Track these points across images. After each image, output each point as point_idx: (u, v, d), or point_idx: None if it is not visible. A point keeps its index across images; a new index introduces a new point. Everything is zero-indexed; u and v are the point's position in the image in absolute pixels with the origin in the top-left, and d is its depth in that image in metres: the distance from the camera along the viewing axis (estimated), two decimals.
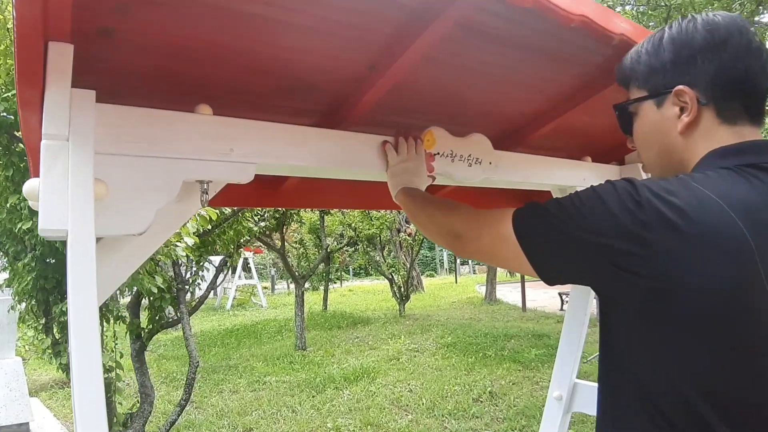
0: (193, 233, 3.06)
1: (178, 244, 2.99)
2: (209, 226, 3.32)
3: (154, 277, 3.10)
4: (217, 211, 3.43)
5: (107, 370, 3.21)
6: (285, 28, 1.08)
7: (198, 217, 3.01)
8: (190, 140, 1.12)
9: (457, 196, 2.26)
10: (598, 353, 0.89)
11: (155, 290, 3.09)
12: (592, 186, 0.79)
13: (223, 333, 11.58)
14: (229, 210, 4.19)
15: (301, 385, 7.19)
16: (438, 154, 1.54)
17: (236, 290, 18.41)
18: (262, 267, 26.68)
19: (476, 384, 7.00)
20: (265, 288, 22.64)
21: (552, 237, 0.80)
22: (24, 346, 6.49)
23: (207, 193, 1.18)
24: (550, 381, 2.61)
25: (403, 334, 10.62)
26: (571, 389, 2.66)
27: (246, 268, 19.74)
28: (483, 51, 1.28)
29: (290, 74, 1.23)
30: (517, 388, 6.83)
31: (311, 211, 12.11)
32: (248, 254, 18.74)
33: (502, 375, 7.43)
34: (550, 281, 0.84)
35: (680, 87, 0.83)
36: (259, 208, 6.67)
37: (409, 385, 7.11)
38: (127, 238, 1.18)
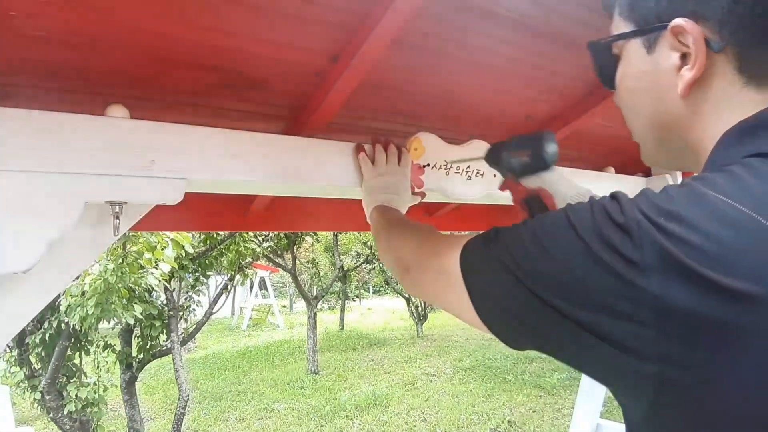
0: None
1: (153, 271, 2.76)
2: (183, 252, 3.09)
3: (133, 306, 2.88)
4: (193, 234, 3.20)
5: (89, 404, 2.97)
6: (221, 8, 0.84)
7: (170, 242, 2.78)
8: (95, 150, 0.88)
9: (459, 217, 1.99)
10: None
11: (132, 320, 2.86)
12: (568, 205, 0.51)
13: (235, 355, 11.33)
14: (225, 231, 3.97)
15: (309, 414, 6.88)
16: (428, 165, 1.27)
17: (252, 310, 18.22)
18: (281, 285, 26.52)
19: (494, 412, 6.62)
20: (284, 307, 22.41)
21: (505, 286, 0.51)
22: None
23: (119, 218, 0.92)
24: (572, 408, 2.36)
25: (419, 356, 10.25)
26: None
27: (263, 287, 19.57)
28: (472, 33, 1.02)
29: (231, 67, 0.98)
30: (537, 417, 6.43)
31: None
32: (265, 273, 18.59)
33: (522, 402, 7.03)
34: (514, 347, 0.56)
35: (679, 21, 0.52)
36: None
37: (423, 413, 6.75)
38: (22, 277, 0.93)
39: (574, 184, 0.94)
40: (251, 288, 18.52)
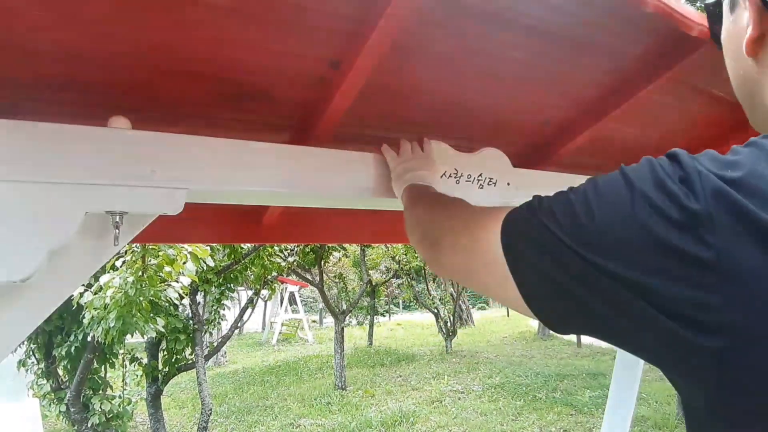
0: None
1: (173, 284, 2.78)
2: (205, 266, 3.11)
3: (155, 320, 2.90)
4: (213, 247, 3.22)
5: (114, 417, 3.00)
6: (219, 19, 0.83)
7: (189, 255, 2.80)
8: (96, 161, 0.88)
9: None
10: None
11: (154, 334, 2.90)
12: (622, 166, 0.46)
13: (264, 370, 11.38)
14: (249, 245, 4.00)
15: (336, 430, 6.82)
16: (439, 174, 1.24)
17: (282, 324, 18.31)
18: (311, 300, 26.62)
19: (524, 431, 6.42)
20: (314, 322, 22.44)
21: (550, 254, 0.46)
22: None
23: (119, 228, 0.92)
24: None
25: (447, 373, 10.09)
26: None
27: (293, 301, 19.67)
28: (481, 38, 0.99)
29: (232, 77, 0.97)
30: None
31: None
32: (294, 288, 18.68)
33: (553, 421, 6.81)
34: (558, 329, 0.50)
35: None
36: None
37: None
38: (23, 287, 0.94)
39: None
40: (281, 303, 18.64)
